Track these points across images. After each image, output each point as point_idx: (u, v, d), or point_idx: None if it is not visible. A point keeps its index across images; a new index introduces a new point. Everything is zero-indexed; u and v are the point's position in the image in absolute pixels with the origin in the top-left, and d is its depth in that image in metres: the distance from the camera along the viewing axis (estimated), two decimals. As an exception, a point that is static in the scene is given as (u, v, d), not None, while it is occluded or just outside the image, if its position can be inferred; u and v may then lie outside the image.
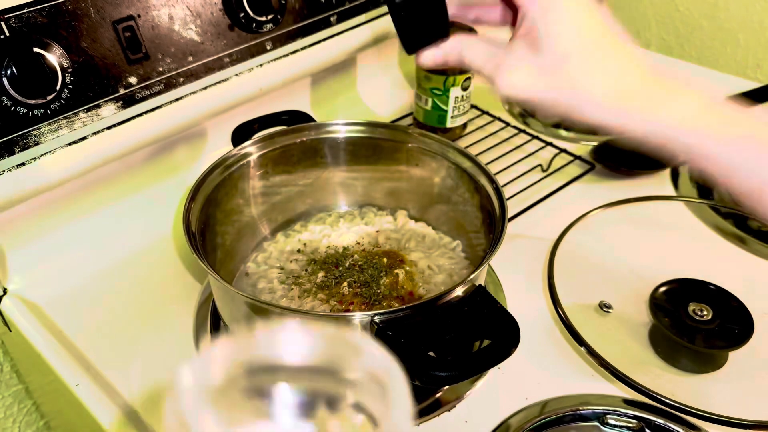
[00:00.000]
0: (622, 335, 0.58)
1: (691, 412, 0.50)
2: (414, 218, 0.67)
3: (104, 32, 0.56)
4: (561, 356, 0.56)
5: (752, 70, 1.02)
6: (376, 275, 0.58)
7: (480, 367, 0.44)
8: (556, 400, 0.52)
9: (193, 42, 0.62)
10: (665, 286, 0.59)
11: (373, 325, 0.45)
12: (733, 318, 0.55)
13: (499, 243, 0.50)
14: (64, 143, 0.56)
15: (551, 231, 0.67)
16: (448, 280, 0.60)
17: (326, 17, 0.72)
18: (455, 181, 0.62)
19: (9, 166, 0.53)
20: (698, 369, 0.55)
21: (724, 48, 1.03)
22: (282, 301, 0.57)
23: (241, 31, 0.65)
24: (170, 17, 0.60)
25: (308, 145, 0.63)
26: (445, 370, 0.43)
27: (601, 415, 0.51)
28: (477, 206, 0.59)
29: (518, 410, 0.52)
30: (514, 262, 0.64)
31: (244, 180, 0.61)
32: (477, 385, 0.54)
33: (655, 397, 0.51)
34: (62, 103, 0.55)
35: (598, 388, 0.53)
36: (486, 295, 0.48)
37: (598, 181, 0.76)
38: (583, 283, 0.63)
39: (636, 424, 0.51)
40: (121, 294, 0.62)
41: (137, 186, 0.68)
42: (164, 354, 0.56)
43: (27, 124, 0.53)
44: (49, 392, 0.68)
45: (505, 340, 0.44)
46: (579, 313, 0.58)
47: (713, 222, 0.70)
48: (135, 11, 0.57)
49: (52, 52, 0.53)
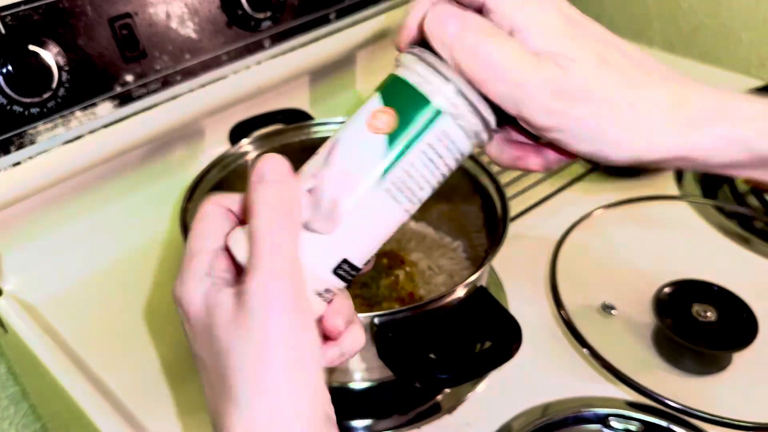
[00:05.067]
0: (625, 337, 0.58)
1: (695, 414, 0.49)
2: (414, 218, 0.67)
3: (101, 30, 0.55)
4: (563, 358, 0.56)
5: (756, 68, 1.01)
6: (376, 276, 0.57)
7: (481, 369, 0.43)
8: (558, 403, 0.52)
9: (191, 39, 0.61)
10: (669, 287, 0.58)
11: (373, 327, 0.44)
12: (737, 319, 0.55)
13: (501, 243, 0.49)
14: (60, 142, 0.55)
15: (554, 231, 0.66)
16: (449, 281, 0.59)
17: (325, 14, 0.72)
18: (456, 181, 0.61)
19: (4, 166, 0.53)
20: (702, 371, 0.55)
21: (727, 46, 1.03)
22: (281, 301, 0.57)
23: (238, 28, 0.65)
24: (167, 14, 0.59)
25: (307, 144, 0.63)
26: (446, 372, 0.43)
27: (604, 417, 0.51)
28: (478, 206, 0.59)
29: (520, 412, 0.51)
30: (516, 262, 0.64)
31: (242, 179, 0.61)
32: (478, 387, 0.53)
33: (659, 399, 0.50)
34: (58, 102, 0.54)
35: (600, 390, 0.53)
36: (487, 296, 0.47)
37: (601, 180, 0.76)
38: (586, 284, 0.62)
39: (639, 426, 0.51)
40: (118, 295, 0.62)
41: (134, 185, 0.67)
42: (161, 355, 0.56)
43: (23, 123, 0.53)
44: (45, 394, 0.67)
45: (506, 341, 0.44)
46: (581, 315, 0.57)
47: (717, 222, 0.70)
48: (132, 8, 0.57)
49: (48, 50, 0.52)
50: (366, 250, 0.32)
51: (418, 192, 0.31)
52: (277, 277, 0.28)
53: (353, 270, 0.32)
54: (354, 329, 0.33)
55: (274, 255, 0.28)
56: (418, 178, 0.31)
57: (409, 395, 0.52)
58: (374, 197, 0.30)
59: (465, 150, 0.32)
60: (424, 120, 0.30)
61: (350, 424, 0.51)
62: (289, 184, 0.30)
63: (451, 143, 0.31)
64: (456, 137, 0.31)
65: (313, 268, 0.30)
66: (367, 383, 0.51)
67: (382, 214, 0.31)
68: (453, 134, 0.30)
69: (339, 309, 0.32)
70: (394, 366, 0.44)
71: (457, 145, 0.31)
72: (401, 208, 0.31)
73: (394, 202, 0.31)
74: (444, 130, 0.30)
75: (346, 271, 0.32)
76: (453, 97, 0.30)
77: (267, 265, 0.28)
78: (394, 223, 0.32)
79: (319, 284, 0.31)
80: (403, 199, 0.31)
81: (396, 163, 0.30)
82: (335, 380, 0.50)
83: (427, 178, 0.31)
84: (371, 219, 0.31)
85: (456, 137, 0.31)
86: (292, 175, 0.30)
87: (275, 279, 0.28)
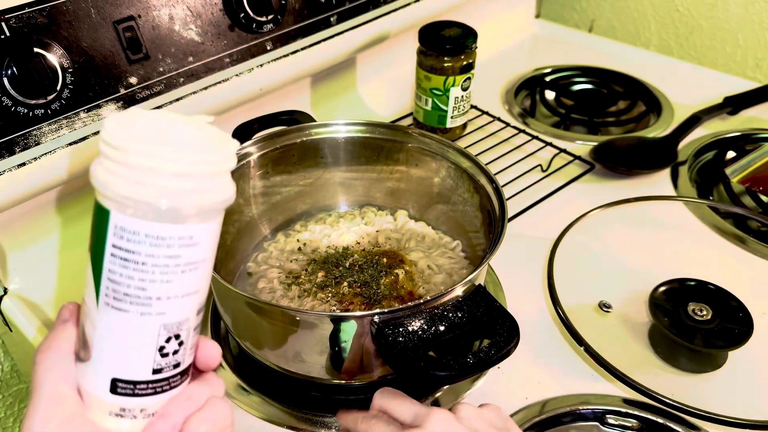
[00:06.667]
0: (621, 335, 0.58)
1: (691, 411, 0.50)
2: (414, 218, 0.67)
3: (105, 32, 0.56)
4: (561, 356, 0.56)
5: (752, 69, 1.02)
6: (376, 275, 0.58)
7: (479, 367, 0.44)
8: (556, 400, 0.52)
9: (194, 42, 0.62)
10: (665, 286, 0.59)
11: (373, 325, 0.45)
12: (732, 318, 0.55)
13: (499, 243, 0.50)
14: (64, 143, 0.56)
15: (551, 231, 0.67)
16: (448, 280, 0.60)
17: (326, 17, 0.72)
18: (455, 181, 0.62)
19: (9, 166, 0.53)
20: (698, 369, 0.55)
21: (723, 48, 1.03)
22: (282, 300, 0.57)
23: (241, 31, 0.65)
24: (171, 17, 0.60)
25: (308, 145, 0.63)
26: (444, 370, 0.43)
27: (601, 414, 0.51)
28: (477, 206, 0.59)
29: (518, 410, 0.52)
30: (514, 261, 0.64)
31: (244, 180, 0.61)
32: (477, 385, 0.54)
33: (655, 396, 0.51)
34: (63, 103, 0.55)
35: (597, 388, 0.53)
36: (486, 295, 0.48)
37: (598, 181, 0.76)
38: (583, 282, 0.63)
39: (635, 423, 0.51)
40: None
41: (137, 186, 0.68)
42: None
43: (27, 124, 0.53)
44: (49, 392, 0.68)
45: (504, 339, 0.45)
46: (579, 313, 0.58)
47: (713, 222, 0.70)
48: (135, 11, 0.58)
49: (52, 52, 0.53)
50: (130, 364, 0.32)
51: (142, 293, 0.30)
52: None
53: (138, 385, 0.32)
54: (193, 424, 0.33)
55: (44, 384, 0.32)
56: (128, 281, 0.30)
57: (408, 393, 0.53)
58: (103, 315, 0.31)
59: (162, 233, 0.29)
60: (101, 225, 0.29)
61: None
62: (65, 326, 0.34)
63: (132, 234, 0.29)
64: (136, 227, 0.29)
65: (96, 393, 0.32)
66: (367, 381, 0.51)
67: (119, 328, 0.31)
68: (130, 225, 0.29)
69: (164, 414, 0.33)
70: (393, 364, 0.45)
71: (145, 233, 0.29)
72: (133, 315, 0.30)
73: (121, 312, 0.30)
74: (117, 225, 0.29)
75: (126, 388, 0.32)
76: (114, 194, 0.29)
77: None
78: (140, 330, 0.31)
79: (110, 406, 0.32)
80: (129, 306, 0.30)
81: (100, 276, 0.30)
82: (336, 378, 0.51)
83: (138, 277, 0.30)
84: (112, 336, 0.31)
85: (136, 227, 0.29)
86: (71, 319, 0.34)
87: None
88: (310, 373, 0.50)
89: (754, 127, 0.86)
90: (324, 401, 0.53)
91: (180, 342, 0.32)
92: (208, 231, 0.31)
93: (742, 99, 0.88)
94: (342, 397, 0.54)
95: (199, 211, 0.30)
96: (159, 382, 0.32)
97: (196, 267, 0.31)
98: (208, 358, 0.35)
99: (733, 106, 0.87)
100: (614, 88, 0.96)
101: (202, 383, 0.35)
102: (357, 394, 0.53)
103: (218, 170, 0.30)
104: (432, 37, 0.74)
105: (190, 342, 0.33)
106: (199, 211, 0.30)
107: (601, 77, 0.98)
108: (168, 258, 0.30)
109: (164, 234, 0.29)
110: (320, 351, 0.48)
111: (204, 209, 0.30)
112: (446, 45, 0.73)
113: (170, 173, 0.29)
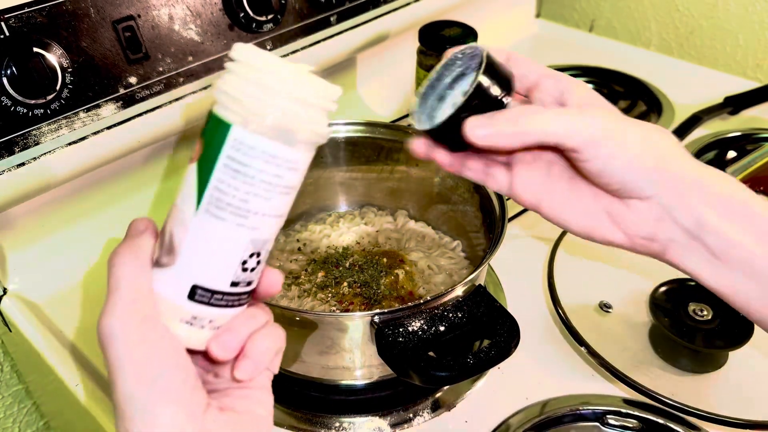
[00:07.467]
0: (622, 335, 0.58)
1: (691, 412, 0.50)
2: (414, 218, 0.67)
3: (104, 32, 0.56)
4: (561, 356, 0.56)
5: (752, 69, 1.02)
6: (376, 275, 0.58)
7: (480, 367, 0.44)
8: (556, 400, 0.52)
9: (193, 42, 0.62)
10: (665, 286, 0.59)
11: (373, 325, 0.45)
12: (732, 318, 0.55)
13: (499, 243, 0.50)
14: (64, 143, 0.56)
15: (551, 231, 0.67)
16: (448, 280, 0.60)
17: (326, 17, 0.72)
18: (455, 181, 0.62)
19: (9, 166, 0.53)
20: (698, 369, 0.55)
21: (723, 48, 1.03)
22: (282, 301, 0.57)
23: (241, 30, 0.65)
24: (170, 17, 0.60)
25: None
26: (444, 370, 0.43)
27: (601, 415, 0.51)
28: (477, 206, 0.59)
29: (518, 410, 0.52)
30: (514, 262, 0.64)
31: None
32: (477, 385, 0.54)
33: (655, 397, 0.51)
34: (62, 103, 0.55)
35: (598, 388, 0.53)
36: (486, 295, 0.48)
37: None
38: (583, 283, 0.63)
39: (636, 424, 0.51)
40: (121, 294, 0.62)
41: (137, 186, 0.68)
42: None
43: (27, 124, 0.53)
44: (49, 392, 0.68)
45: (505, 339, 0.45)
46: (579, 313, 0.58)
47: (713, 222, 0.70)
48: (135, 11, 0.57)
49: (52, 52, 0.53)
50: (214, 272, 0.32)
51: (243, 205, 0.31)
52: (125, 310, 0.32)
53: (215, 294, 0.32)
54: (258, 340, 0.34)
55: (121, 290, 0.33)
56: (233, 192, 0.31)
57: (408, 393, 0.53)
58: (199, 221, 0.32)
59: (275, 152, 0.31)
60: (219, 136, 0.31)
61: (351, 421, 0.51)
62: (142, 235, 0.35)
63: (249, 149, 0.31)
64: (254, 142, 0.31)
65: (172, 298, 0.32)
66: (367, 381, 0.51)
67: (213, 235, 0.32)
68: (249, 140, 0.31)
69: (230, 328, 0.34)
70: (393, 364, 0.45)
71: (261, 149, 0.31)
72: (230, 224, 0.31)
73: (219, 220, 0.31)
74: (236, 138, 0.31)
75: (204, 296, 0.32)
76: (241, 108, 0.31)
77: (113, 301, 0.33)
78: (232, 240, 0.32)
79: (183, 313, 0.32)
80: (228, 216, 0.31)
81: (207, 183, 0.31)
82: (336, 378, 0.51)
83: (244, 189, 0.31)
84: (204, 242, 0.32)
85: (254, 142, 0.31)
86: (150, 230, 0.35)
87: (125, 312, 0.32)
88: (310, 373, 0.50)
89: (755, 127, 0.86)
90: (324, 401, 0.53)
91: (258, 261, 0.33)
92: (306, 160, 0.33)
93: (742, 99, 0.88)
94: (342, 397, 0.54)
95: (308, 139, 0.32)
96: (232, 296, 0.33)
97: (290, 192, 0.33)
98: (271, 283, 0.36)
99: (733, 105, 0.87)
100: (614, 87, 0.96)
101: (260, 308, 0.36)
102: (357, 395, 0.53)
103: (326, 107, 0.33)
104: (432, 36, 0.74)
105: (263, 264, 0.34)
106: (308, 139, 0.32)
107: (602, 77, 0.98)
108: (274, 176, 0.32)
109: (277, 153, 0.31)
110: (320, 351, 0.48)
111: (312, 138, 0.32)
112: (446, 45, 0.73)
113: (294, 98, 0.31)
